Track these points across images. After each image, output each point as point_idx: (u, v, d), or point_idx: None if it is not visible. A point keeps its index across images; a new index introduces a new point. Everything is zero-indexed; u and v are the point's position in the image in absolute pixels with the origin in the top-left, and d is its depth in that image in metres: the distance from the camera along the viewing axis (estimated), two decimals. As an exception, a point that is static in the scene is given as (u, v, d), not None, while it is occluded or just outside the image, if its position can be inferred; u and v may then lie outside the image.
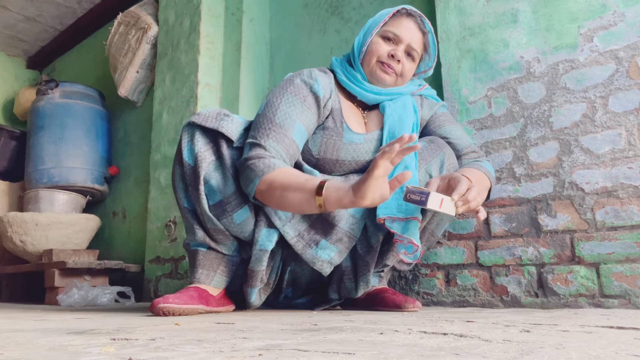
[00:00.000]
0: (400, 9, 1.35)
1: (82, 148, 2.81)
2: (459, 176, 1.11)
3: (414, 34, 1.34)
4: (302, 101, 1.24)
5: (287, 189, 1.07)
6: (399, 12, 1.35)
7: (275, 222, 1.24)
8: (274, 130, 1.18)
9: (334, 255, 1.26)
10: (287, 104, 1.22)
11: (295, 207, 1.09)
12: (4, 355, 0.54)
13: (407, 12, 1.34)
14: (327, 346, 0.58)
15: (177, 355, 0.52)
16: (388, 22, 1.34)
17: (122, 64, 2.70)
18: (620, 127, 1.28)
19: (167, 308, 1.15)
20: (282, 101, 1.23)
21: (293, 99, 1.23)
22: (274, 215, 1.23)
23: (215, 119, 1.24)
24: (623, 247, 1.23)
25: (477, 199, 1.10)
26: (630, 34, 1.30)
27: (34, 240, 2.49)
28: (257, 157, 1.13)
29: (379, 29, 1.34)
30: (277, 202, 1.11)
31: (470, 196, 1.08)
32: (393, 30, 1.32)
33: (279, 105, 1.22)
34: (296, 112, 1.22)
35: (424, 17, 1.36)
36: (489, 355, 0.51)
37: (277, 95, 1.25)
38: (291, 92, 1.25)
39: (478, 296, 1.46)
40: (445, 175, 1.14)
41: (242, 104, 2.28)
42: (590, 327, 0.78)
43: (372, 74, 1.34)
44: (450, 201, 1.07)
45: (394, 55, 1.31)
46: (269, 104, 1.24)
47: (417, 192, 1.04)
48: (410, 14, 1.34)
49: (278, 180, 1.09)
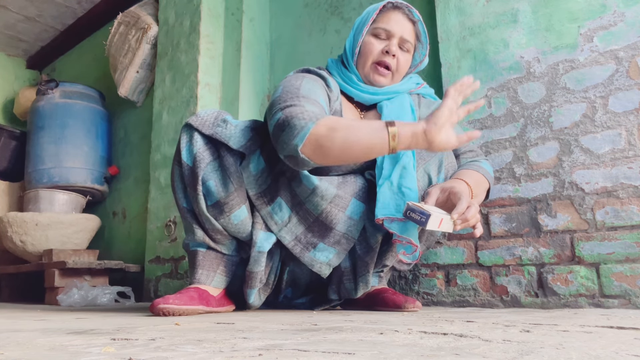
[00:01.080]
0: (386, 4, 1.34)
1: (82, 148, 2.81)
2: (459, 192, 1.10)
3: (404, 26, 1.33)
4: (320, 86, 1.24)
5: (352, 128, 1.02)
6: (385, 7, 1.34)
7: (271, 227, 1.24)
8: (303, 96, 1.13)
9: (332, 257, 1.26)
10: (308, 83, 1.20)
11: (363, 146, 1.02)
12: (4, 355, 0.54)
13: (393, 5, 1.33)
14: (327, 346, 0.58)
15: (177, 355, 0.52)
16: (376, 18, 1.34)
17: (122, 64, 2.70)
18: (620, 127, 1.28)
19: (167, 309, 1.15)
20: (304, 81, 1.20)
21: (312, 81, 1.22)
22: (270, 220, 1.24)
23: (211, 125, 1.24)
24: (623, 247, 1.23)
25: (477, 216, 1.10)
26: (630, 34, 1.30)
27: (34, 240, 2.49)
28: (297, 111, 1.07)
29: (368, 28, 1.33)
30: (340, 144, 1.02)
31: (470, 214, 1.07)
32: (383, 26, 1.32)
33: (301, 84, 1.18)
34: (318, 91, 1.20)
35: (411, 6, 1.35)
36: (489, 355, 0.51)
37: (296, 78, 1.22)
38: (309, 77, 1.24)
39: (478, 296, 1.46)
40: (445, 187, 1.13)
41: (242, 104, 2.28)
42: (590, 327, 0.78)
43: (367, 76, 1.34)
44: (449, 219, 1.07)
45: (388, 51, 1.31)
46: (289, 83, 1.19)
47: (417, 212, 1.05)
48: (397, 6, 1.33)
49: (339, 121, 1.05)
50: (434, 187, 1.16)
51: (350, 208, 1.26)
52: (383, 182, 1.22)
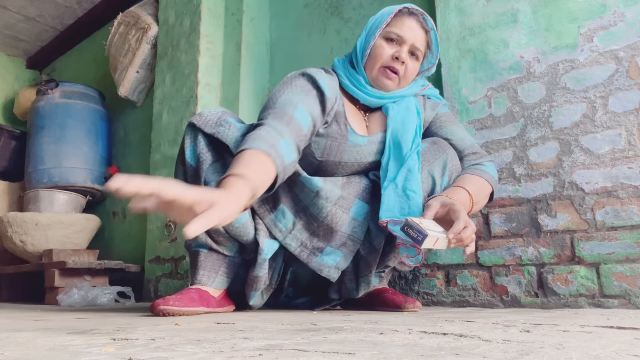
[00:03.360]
0: (402, 9, 1.32)
1: (82, 148, 2.81)
2: (458, 211, 1.09)
3: (417, 34, 1.31)
4: (307, 92, 1.21)
5: None
6: (400, 11, 1.32)
7: (276, 234, 1.23)
8: (274, 112, 1.14)
9: (339, 260, 1.26)
10: (290, 93, 1.19)
11: None
12: (4, 355, 0.54)
13: (409, 10, 1.32)
14: (327, 346, 0.58)
15: (177, 355, 0.52)
16: (390, 22, 1.32)
17: (122, 64, 2.70)
18: (620, 127, 1.28)
19: (168, 310, 1.15)
20: (285, 92, 1.20)
21: (298, 90, 1.20)
22: (274, 227, 1.23)
23: (214, 125, 1.23)
24: (623, 247, 1.23)
25: (472, 236, 1.09)
26: (630, 34, 1.30)
27: (34, 240, 2.49)
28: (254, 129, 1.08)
29: (381, 31, 1.32)
30: None
31: (465, 235, 1.07)
32: (396, 31, 1.30)
33: (281, 95, 1.19)
34: (299, 99, 1.18)
35: (426, 14, 1.34)
36: (489, 355, 0.51)
37: (281, 88, 1.22)
38: (296, 85, 1.22)
39: (478, 296, 1.46)
40: (446, 203, 1.12)
41: (242, 104, 2.28)
42: (590, 327, 0.78)
43: (375, 80, 1.32)
44: (445, 238, 1.07)
45: (398, 57, 1.29)
46: (272, 96, 1.21)
47: (415, 229, 1.05)
48: (412, 13, 1.32)
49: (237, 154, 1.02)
50: (435, 199, 1.15)
51: (354, 209, 1.26)
52: (388, 184, 1.21)
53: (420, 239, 1.04)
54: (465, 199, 1.19)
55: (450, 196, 1.16)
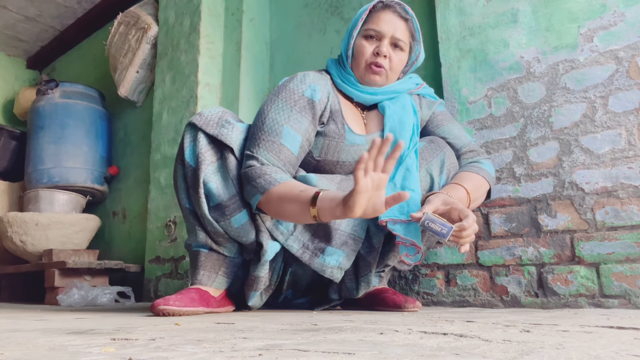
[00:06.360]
0: (376, 4, 1.32)
1: (82, 148, 2.81)
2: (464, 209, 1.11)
3: (396, 25, 1.31)
4: (292, 106, 1.23)
5: (283, 201, 1.10)
6: (375, 7, 1.32)
7: (277, 237, 1.23)
8: (263, 139, 1.19)
9: (342, 260, 1.25)
10: (275, 110, 1.22)
11: (293, 218, 1.12)
12: (4, 355, 0.54)
13: (384, 4, 1.32)
14: (327, 346, 0.58)
15: (177, 355, 0.52)
16: (367, 19, 1.32)
17: (122, 64, 2.70)
18: (620, 127, 1.28)
19: (168, 310, 1.15)
20: (272, 108, 1.23)
21: (283, 105, 1.23)
22: (275, 230, 1.24)
23: (216, 125, 1.23)
24: (623, 247, 1.23)
25: (472, 236, 1.10)
26: (630, 34, 1.30)
27: (34, 240, 2.49)
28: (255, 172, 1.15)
29: (359, 29, 1.33)
30: (275, 213, 1.16)
31: (465, 233, 1.08)
32: (373, 27, 1.30)
33: (268, 113, 1.23)
34: (284, 117, 1.21)
35: (402, 3, 1.33)
36: (489, 355, 0.51)
37: (268, 103, 1.25)
38: (282, 98, 1.24)
39: (478, 296, 1.46)
40: (449, 201, 1.13)
41: (242, 104, 2.28)
42: (590, 327, 0.78)
43: (362, 77, 1.33)
44: None
45: (379, 52, 1.29)
46: (260, 112, 1.25)
47: (438, 223, 1.07)
48: (387, 5, 1.32)
49: (274, 193, 1.11)
50: (435, 196, 1.15)
51: None
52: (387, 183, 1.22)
53: (446, 232, 1.06)
54: (463, 196, 1.20)
55: (449, 194, 1.17)
